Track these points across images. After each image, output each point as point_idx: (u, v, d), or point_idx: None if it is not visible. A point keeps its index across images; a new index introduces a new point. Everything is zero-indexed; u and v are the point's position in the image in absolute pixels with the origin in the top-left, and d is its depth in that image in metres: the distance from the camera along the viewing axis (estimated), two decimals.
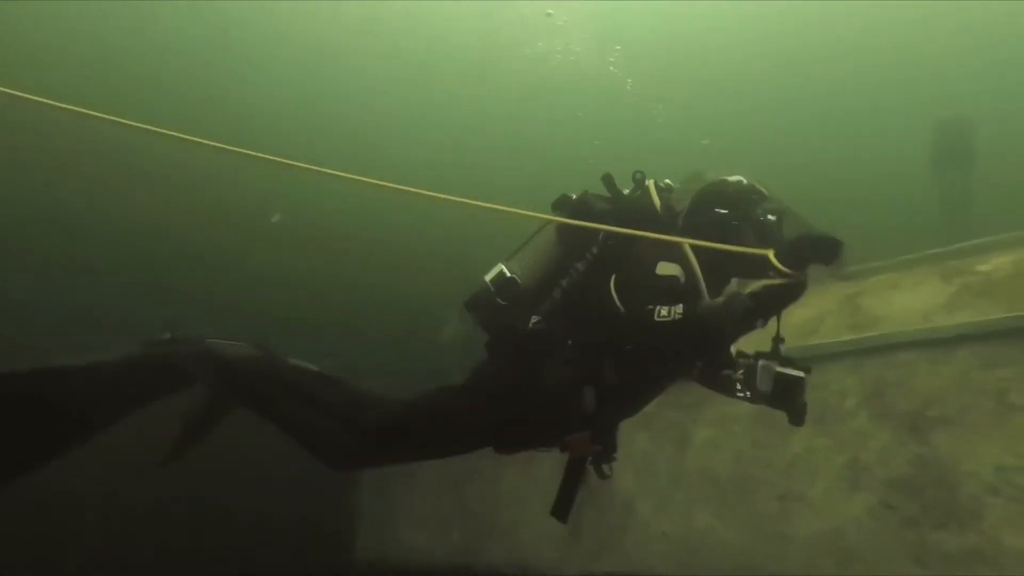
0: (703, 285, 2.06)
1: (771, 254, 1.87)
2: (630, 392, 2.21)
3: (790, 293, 1.90)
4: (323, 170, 1.95)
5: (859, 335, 4.40)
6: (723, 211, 2.16)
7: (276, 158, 1.89)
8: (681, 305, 1.94)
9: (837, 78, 10.14)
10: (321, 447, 2.26)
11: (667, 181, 2.37)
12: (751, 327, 1.96)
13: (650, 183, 2.32)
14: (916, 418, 3.85)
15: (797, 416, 2.11)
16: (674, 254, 2.10)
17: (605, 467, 2.22)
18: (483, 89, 9.68)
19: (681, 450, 5.01)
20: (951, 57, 9.86)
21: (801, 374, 2.05)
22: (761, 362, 2.04)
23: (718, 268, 2.10)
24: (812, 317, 4.84)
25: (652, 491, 5.13)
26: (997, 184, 7.99)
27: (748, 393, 2.12)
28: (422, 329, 8.37)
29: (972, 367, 3.68)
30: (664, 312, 1.96)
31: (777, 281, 1.88)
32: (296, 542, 8.17)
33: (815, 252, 1.86)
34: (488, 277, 2.25)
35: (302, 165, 1.93)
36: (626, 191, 2.35)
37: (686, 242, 2.08)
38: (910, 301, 4.56)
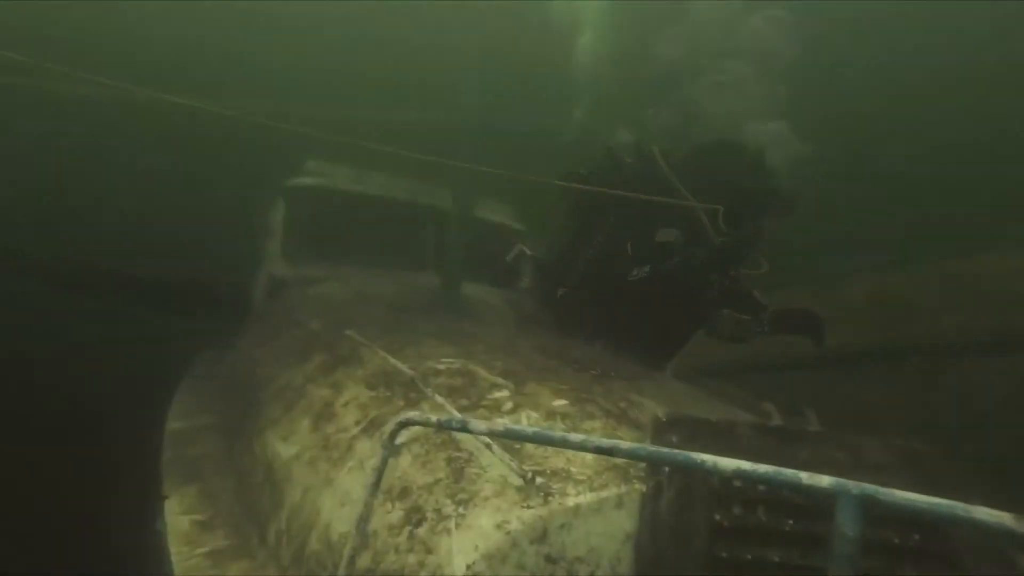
0: (713, 236, 2.22)
1: (720, 213, 2.12)
2: (661, 344, 2.41)
3: (735, 250, 2.14)
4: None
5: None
6: (718, 176, 2.34)
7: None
8: (648, 266, 2.17)
9: None
10: None
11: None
12: (708, 280, 2.25)
13: (655, 150, 2.46)
14: None
15: (817, 342, 2.49)
16: (673, 219, 2.27)
17: None
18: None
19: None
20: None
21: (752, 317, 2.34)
22: (724, 311, 2.31)
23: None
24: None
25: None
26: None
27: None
28: None
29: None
30: (634, 272, 2.19)
31: (725, 240, 2.11)
32: None
33: (753, 209, 2.07)
34: (508, 258, 2.43)
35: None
36: (628, 160, 2.48)
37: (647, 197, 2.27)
38: None
